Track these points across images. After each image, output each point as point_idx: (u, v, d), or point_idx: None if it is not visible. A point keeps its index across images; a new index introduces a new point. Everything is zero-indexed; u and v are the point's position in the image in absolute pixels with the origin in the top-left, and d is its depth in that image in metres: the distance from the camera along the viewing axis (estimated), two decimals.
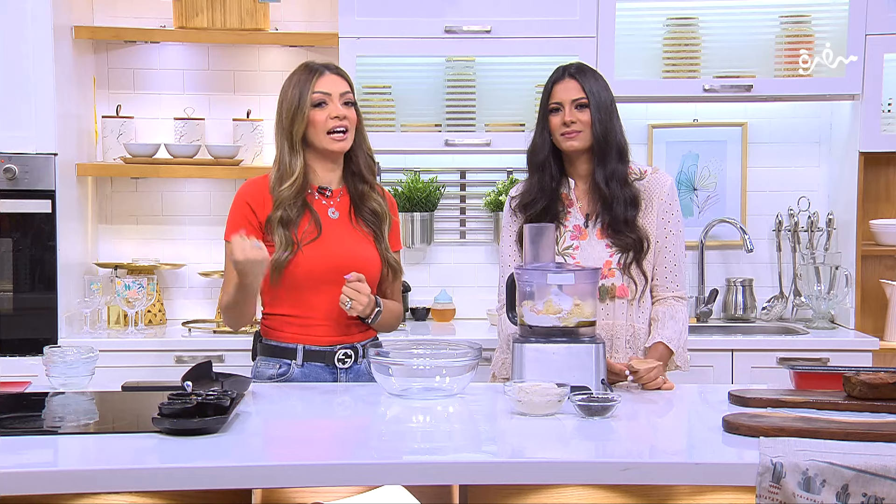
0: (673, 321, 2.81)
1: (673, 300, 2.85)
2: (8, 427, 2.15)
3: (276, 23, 4.16)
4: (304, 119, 2.71)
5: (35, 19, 3.66)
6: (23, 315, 3.73)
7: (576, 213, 2.87)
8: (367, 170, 2.81)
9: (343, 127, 2.73)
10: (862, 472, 1.86)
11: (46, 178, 3.71)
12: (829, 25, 4.04)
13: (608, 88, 2.85)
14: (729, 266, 4.33)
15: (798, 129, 4.30)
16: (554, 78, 2.86)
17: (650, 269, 2.83)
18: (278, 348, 2.77)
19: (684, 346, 2.82)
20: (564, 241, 2.85)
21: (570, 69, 2.85)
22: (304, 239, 2.72)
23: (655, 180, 2.87)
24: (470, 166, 4.31)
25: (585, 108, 2.79)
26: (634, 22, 4.09)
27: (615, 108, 2.84)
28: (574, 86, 2.81)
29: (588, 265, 2.75)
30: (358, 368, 2.79)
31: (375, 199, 2.81)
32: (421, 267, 4.30)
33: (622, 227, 2.80)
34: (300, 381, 2.74)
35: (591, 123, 2.79)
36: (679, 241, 2.87)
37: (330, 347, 2.76)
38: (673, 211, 2.87)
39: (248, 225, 2.72)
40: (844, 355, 3.71)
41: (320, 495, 2.08)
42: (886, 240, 4.09)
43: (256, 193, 2.76)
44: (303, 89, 2.72)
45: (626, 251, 2.80)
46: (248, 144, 4.15)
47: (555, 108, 2.83)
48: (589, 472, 1.95)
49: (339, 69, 2.80)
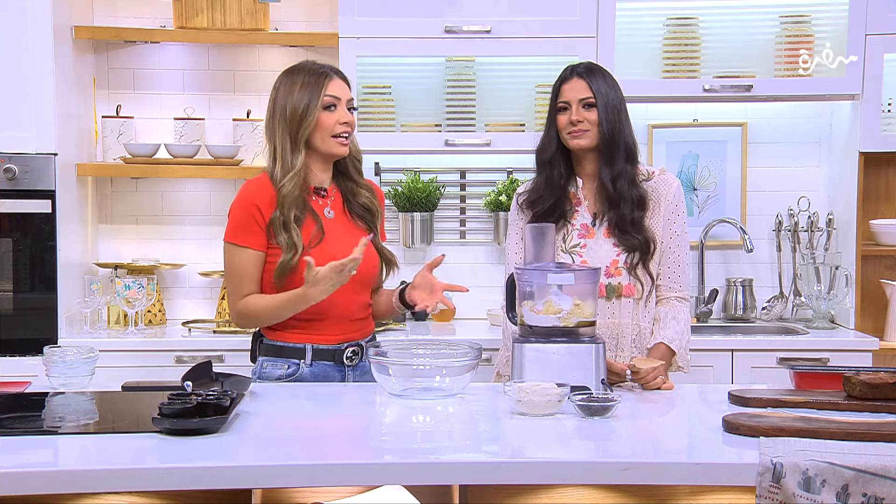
0: (675, 322, 2.81)
1: (675, 301, 2.85)
2: (8, 427, 2.15)
3: (276, 23, 4.16)
4: (314, 121, 2.71)
5: (35, 19, 3.66)
6: (23, 315, 3.73)
7: (583, 212, 2.87)
8: (353, 168, 2.86)
9: (348, 132, 2.76)
10: (862, 472, 1.86)
11: (46, 178, 3.71)
12: (829, 25, 4.04)
13: (617, 88, 2.85)
14: (729, 266, 4.33)
15: (798, 129, 4.30)
16: (562, 77, 2.87)
17: (656, 270, 2.84)
18: (285, 348, 2.77)
19: (686, 346, 2.82)
20: (572, 240, 2.85)
21: (579, 69, 2.86)
22: (309, 242, 2.72)
23: (663, 182, 2.87)
24: (470, 166, 4.31)
25: (593, 107, 2.80)
26: (634, 22, 4.09)
27: (625, 108, 2.84)
28: (582, 85, 2.81)
29: (595, 264, 2.76)
30: (364, 365, 2.80)
31: (364, 195, 2.85)
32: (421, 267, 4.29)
33: (629, 228, 2.80)
34: (309, 380, 2.74)
35: (598, 123, 2.79)
36: (683, 243, 2.87)
37: (337, 346, 2.77)
38: (679, 212, 2.87)
39: (256, 226, 2.71)
40: (844, 355, 3.71)
41: (320, 495, 2.08)
42: (886, 240, 4.09)
43: (262, 194, 2.73)
44: (313, 92, 2.71)
45: (633, 252, 2.80)
46: (248, 144, 4.15)
47: (562, 107, 2.83)
48: (589, 472, 1.95)
49: (343, 73, 2.82)
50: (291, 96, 2.72)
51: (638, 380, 2.57)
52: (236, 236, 2.73)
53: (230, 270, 2.75)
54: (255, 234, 2.71)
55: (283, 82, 2.76)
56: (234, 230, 2.73)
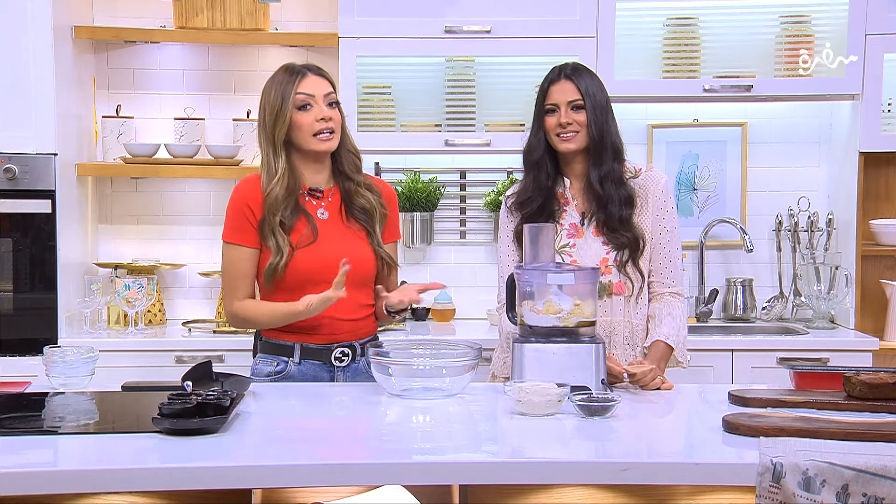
0: (671, 318, 2.81)
1: (669, 296, 2.85)
2: (8, 427, 2.15)
3: (276, 23, 4.16)
4: (286, 121, 2.70)
5: (35, 19, 3.66)
6: (23, 315, 3.73)
7: (572, 212, 2.87)
8: (351, 168, 2.82)
9: (329, 128, 2.73)
10: (862, 472, 1.86)
11: (46, 178, 3.71)
12: (829, 25, 4.04)
13: (604, 88, 2.85)
14: (729, 266, 4.33)
15: (798, 129, 4.30)
16: (550, 78, 2.86)
17: (647, 266, 2.84)
18: (277, 346, 2.78)
19: (684, 341, 2.82)
20: (561, 240, 2.85)
21: (566, 70, 2.85)
22: (300, 243, 2.72)
23: (650, 178, 2.87)
24: (470, 166, 4.31)
25: (581, 109, 2.79)
26: (634, 22, 4.09)
27: (610, 108, 2.84)
28: (570, 87, 2.81)
29: (585, 263, 2.77)
30: (356, 367, 2.79)
31: (364, 195, 2.81)
32: (421, 267, 4.30)
33: (617, 226, 2.80)
34: (297, 379, 2.75)
35: (587, 124, 2.79)
36: (674, 238, 2.86)
37: (327, 346, 2.76)
38: (667, 208, 2.86)
39: (248, 225, 2.73)
40: (844, 355, 3.71)
41: (320, 495, 2.08)
42: (886, 240, 4.09)
43: (253, 193, 2.75)
44: (285, 91, 2.71)
45: (622, 249, 2.80)
46: (248, 144, 4.14)
47: (550, 108, 2.83)
48: (589, 472, 1.95)
49: (321, 70, 2.79)
50: (268, 100, 2.74)
51: (635, 382, 2.58)
52: (231, 235, 2.76)
53: (224, 269, 2.79)
54: (247, 232, 2.74)
55: (265, 87, 2.78)
56: (228, 229, 2.77)
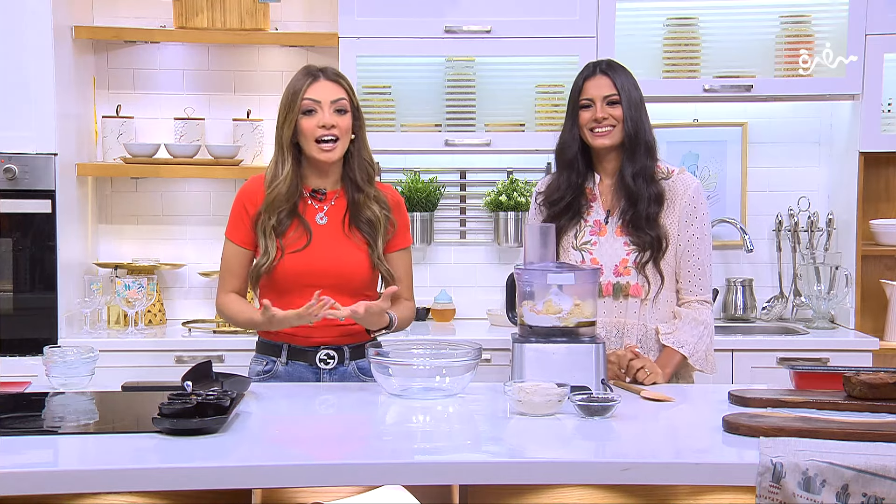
0: (694, 323, 2.79)
1: (697, 304, 2.83)
2: (8, 427, 2.15)
3: (276, 23, 4.16)
4: (292, 125, 2.70)
5: (35, 19, 3.66)
6: (23, 315, 3.73)
7: (597, 208, 2.86)
8: (363, 178, 2.75)
9: (331, 136, 2.68)
10: (862, 472, 1.86)
11: (46, 178, 3.71)
12: (829, 25, 4.04)
13: (637, 86, 2.85)
14: (729, 266, 4.33)
15: (798, 129, 4.30)
16: (584, 74, 2.85)
17: (667, 269, 2.82)
18: (268, 345, 2.81)
19: (706, 349, 2.80)
20: (583, 237, 2.84)
21: (601, 65, 2.85)
22: (289, 247, 2.71)
23: (681, 181, 2.86)
24: (470, 166, 4.31)
25: (617, 104, 2.80)
26: (634, 22, 4.09)
27: (644, 105, 2.84)
28: (606, 82, 2.81)
29: (605, 261, 2.78)
30: (344, 370, 2.78)
31: (371, 208, 2.75)
32: (421, 267, 4.29)
33: (643, 224, 2.79)
34: (284, 379, 2.77)
35: (622, 119, 2.79)
36: (704, 246, 2.84)
37: (313, 348, 2.76)
38: (698, 214, 2.84)
39: (243, 224, 2.76)
40: (844, 355, 3.71)
41: (320, 495, 2.08)
42: (886, 240, 4.09)
43: (253, 193, 2.77)
44: (295, 94, 2.70)
45: (644, 249, 2.79)
46: (248, 144, 4.15)
47: (585, 104, 2.82)
48: (589, 472, 1.95)
49: (337, 74, 2.76)
50: (283, 100, 2.74)
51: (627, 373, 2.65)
52: (229, 230, 2.81)
53: (221, 262, 2.84)
54: (241, 230, 2.77)
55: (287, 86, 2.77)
56: (228, 225, 2.81)
